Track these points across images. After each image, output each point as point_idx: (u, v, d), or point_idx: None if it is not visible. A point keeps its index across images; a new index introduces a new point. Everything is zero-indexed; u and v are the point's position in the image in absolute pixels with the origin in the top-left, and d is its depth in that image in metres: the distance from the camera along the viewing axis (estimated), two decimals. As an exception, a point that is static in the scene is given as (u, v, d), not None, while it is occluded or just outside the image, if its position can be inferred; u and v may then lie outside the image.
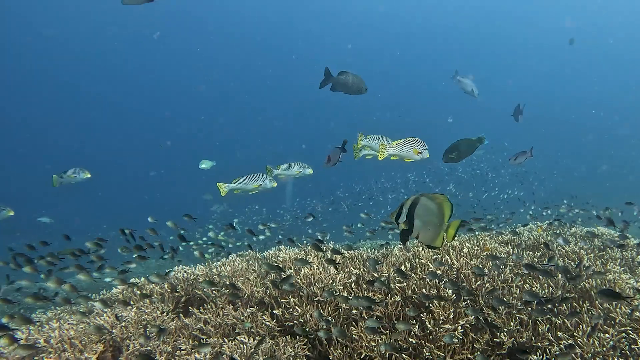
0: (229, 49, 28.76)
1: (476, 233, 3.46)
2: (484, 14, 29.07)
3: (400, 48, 29.82)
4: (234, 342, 2.18)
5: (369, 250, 3.61)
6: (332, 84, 3.51)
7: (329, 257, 2.88)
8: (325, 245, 3.52)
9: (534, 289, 2.49)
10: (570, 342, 2.12)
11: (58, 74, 26.74)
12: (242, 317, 2.39)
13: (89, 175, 4.03)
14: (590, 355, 2.04)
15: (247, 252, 3.51)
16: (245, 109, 29.56)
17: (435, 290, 2.43)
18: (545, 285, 2.55)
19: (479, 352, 2.18)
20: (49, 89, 27.44)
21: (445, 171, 10.53)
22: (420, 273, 2.54)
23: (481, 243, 3.15)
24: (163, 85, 28.79)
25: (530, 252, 3.03)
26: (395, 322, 2.35)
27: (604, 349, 2.05)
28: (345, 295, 2.47)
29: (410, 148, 2.81)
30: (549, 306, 2.27)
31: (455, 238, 3.38)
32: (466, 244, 3.01)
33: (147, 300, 2.60)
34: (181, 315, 2.55)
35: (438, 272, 2.55)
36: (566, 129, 24.88)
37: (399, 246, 3.22)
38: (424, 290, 2.42)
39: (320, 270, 2.62)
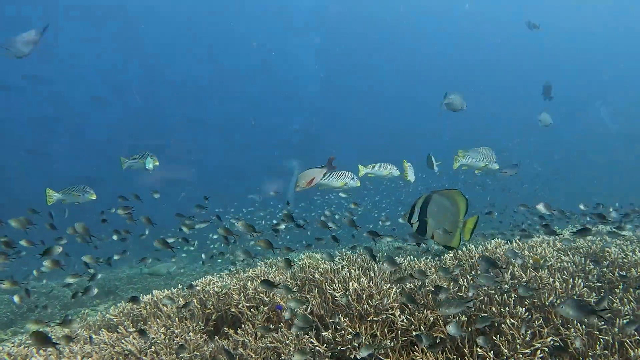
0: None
1: (529, 241, 3.17)
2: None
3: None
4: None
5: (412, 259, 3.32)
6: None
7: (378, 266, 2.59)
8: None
9: (614, 305, 2.20)
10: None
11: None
12: (286, 341, 2.10)
13: (152, 165, 3.91)
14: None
15: (277, 261, 3.22)
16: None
17: (506, 308, 2.14)
18: (625, 300, 2.26)
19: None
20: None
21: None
22: (486, 288, 2.25)
23: (538, 251, 2.87)
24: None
25: (594, 263, 2.74)
26: (460, 344, 2.06)
27: None
28: (398, 313, 2.18)
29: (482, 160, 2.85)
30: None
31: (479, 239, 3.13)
32: (525, 252, 2.72)
33: (177, 319, 2.30)
34: (216, 337, 2.26)
35: (506, 286, 2.27)
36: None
37: (451, 254, 2.93)
38: (494, 309, 2.13)
39: (371, 284, 2.33)
